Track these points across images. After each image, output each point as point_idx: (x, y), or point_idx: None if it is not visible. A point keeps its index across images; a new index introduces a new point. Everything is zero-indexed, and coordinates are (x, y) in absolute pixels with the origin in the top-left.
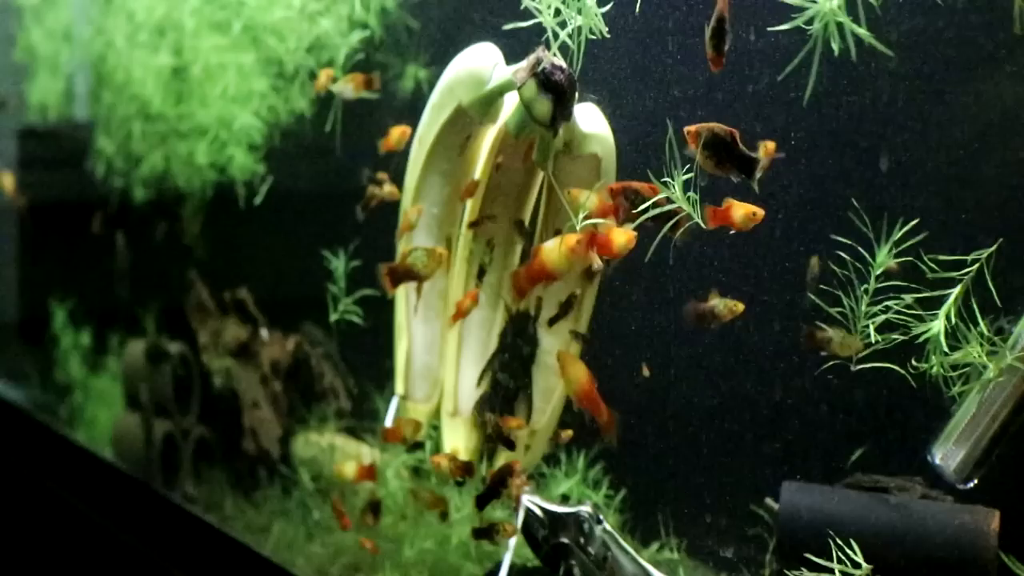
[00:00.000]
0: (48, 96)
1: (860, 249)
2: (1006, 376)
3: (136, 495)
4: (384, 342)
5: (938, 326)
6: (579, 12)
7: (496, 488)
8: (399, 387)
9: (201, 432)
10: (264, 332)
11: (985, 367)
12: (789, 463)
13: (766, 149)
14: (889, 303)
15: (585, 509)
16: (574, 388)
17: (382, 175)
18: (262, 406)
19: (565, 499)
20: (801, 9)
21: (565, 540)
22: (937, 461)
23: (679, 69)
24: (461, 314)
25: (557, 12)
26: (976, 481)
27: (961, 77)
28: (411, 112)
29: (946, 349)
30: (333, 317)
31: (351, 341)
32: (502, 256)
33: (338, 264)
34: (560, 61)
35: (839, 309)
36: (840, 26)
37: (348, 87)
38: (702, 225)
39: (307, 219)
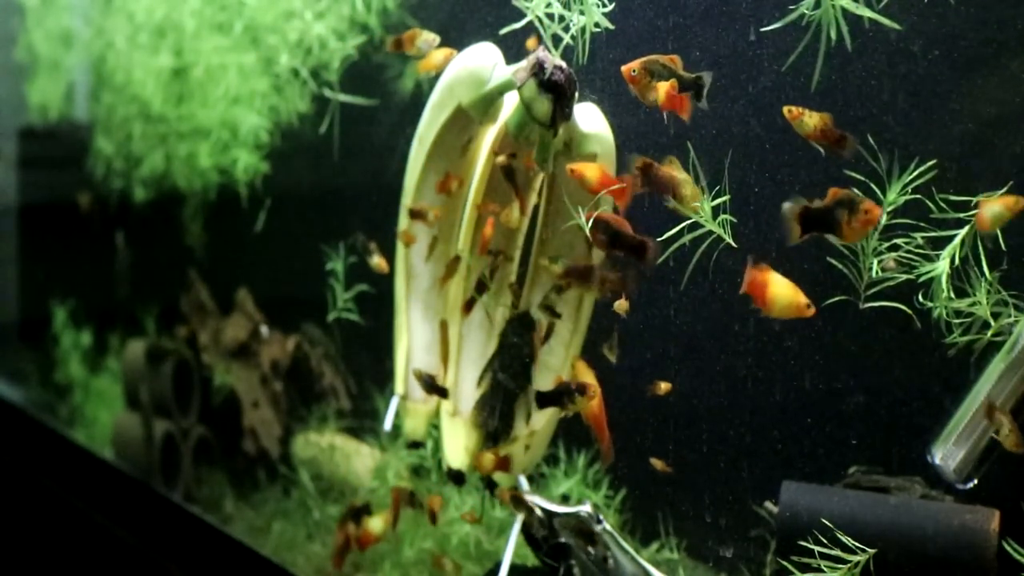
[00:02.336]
0: (48, 96)
1: (872, 186)
2: (1006, 375)
3: (136, 495)
4: (384, 342)
5: (942, 267)
6: (581, 13)
7: (560, 397)
8: (399, 387)
9: (201, 432)
10: (264, 329)
11: (988, 324)
12: (789, 462)
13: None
14: (898, 241)
15: (585, 509)
16: (583, 410)
17: (372, 245)
18: (262, 406)
19: (565, 499)
20: None
21: (564, 540)
22: (937, 461)
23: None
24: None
25: (561, 19)
26: (976, 481)
27: (979, 12)
28: (411, 112)
29: (950, 293)
30: (332, 315)
31: (351, 341)
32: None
33: (337, 262)
34: (560, 60)
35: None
36: None
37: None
38: (732, 244)
39: (307, 219)
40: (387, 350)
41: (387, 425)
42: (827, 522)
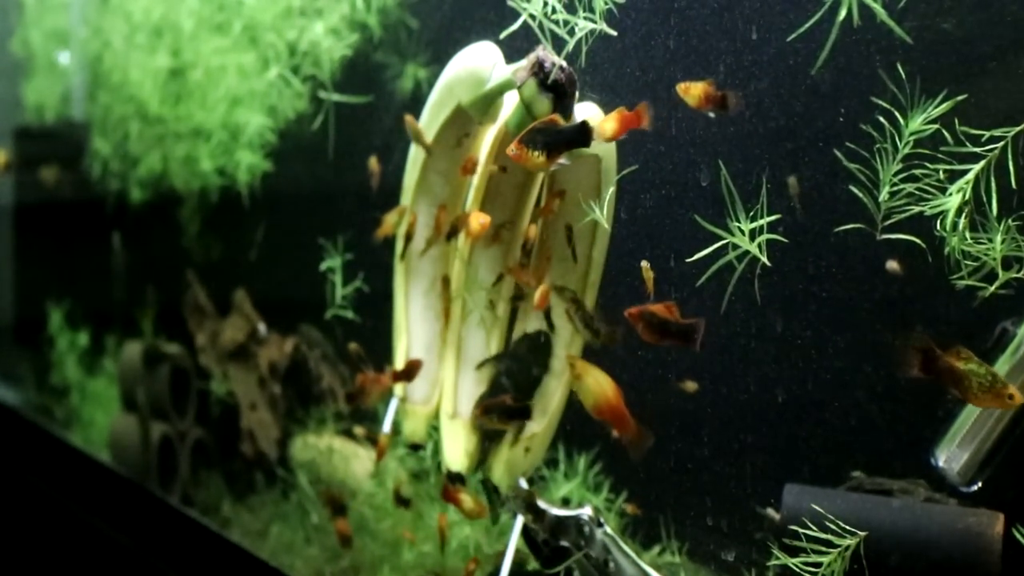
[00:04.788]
0: (44, 96)
1: (896, 113)
2: (1010, 376)
3: (133, 498)
4: (383, 343)
5: (954, 201)
6: (588, 19)
7: (685, 334)
8: (398, 389)
9: (198, 434)
10: (262, 327)
11: (997, 273)
12: (792, 464)
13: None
14: (915, 171)
15: (586, 512)
16: (594, 400)
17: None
18: (260, 408)
19: (566, 502)
20: None
21: (565, 544)
22: (941, 463)
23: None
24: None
25: (565, 23)
26: (980, 484)
27: None
28: (410, 111)
29: (965, 233)
30: (330, 312)
31: (349, 342)
32: (503, 257)
33: (335, 259)
34: (560, 60)
35: (858, 166)
36: None
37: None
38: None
39: (306, 219)
40: (387, 350)
41: (386, 427)
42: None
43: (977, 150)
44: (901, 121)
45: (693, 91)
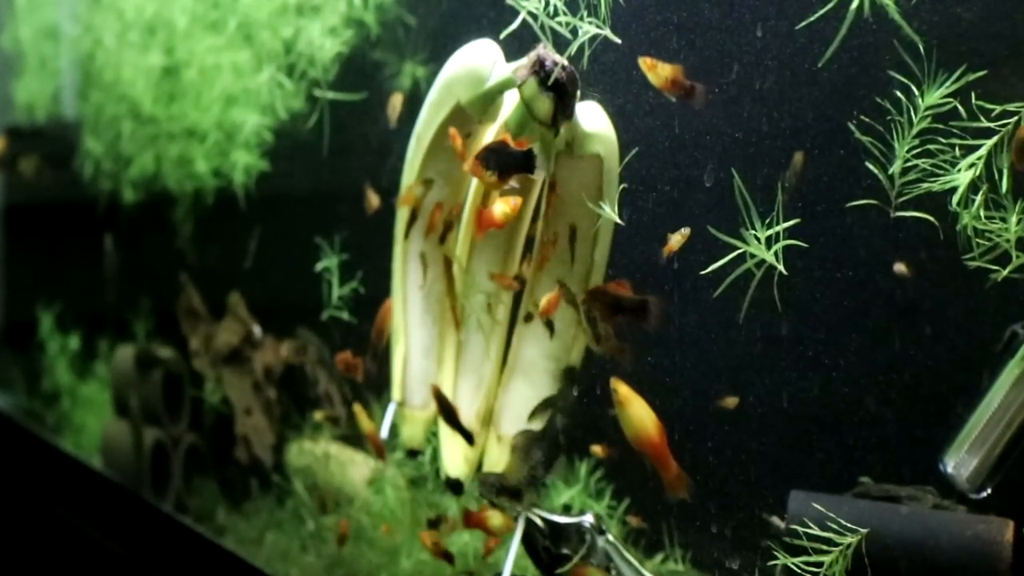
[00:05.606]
0: (35, 95)
1: (912, 87)
2: (1021, 381)
3: (125, 505)
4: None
5: (965, 176)
6: (594, 26)
7: (636, 310)
8: (396, 393)
9: (192, 440)
10: (257, 329)
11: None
12: (797, 470)
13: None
14: (931, 147)
15: (587, 519)
16: (634, 433)
17: None
18: (255, 413)
19: (567, 509)
20: None
21: (566, 551)
22: (949, 470)
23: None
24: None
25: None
26: (990, 490)
27: None
28: (408, 111)
29: (979, 210)
30: (326, 313)
31: (346, 346)
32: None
33: (332, 259)
34: (561, 58)
35: (871, 140)
36: None
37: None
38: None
39: (301, 219)
40: (385, 355)
41: (384, 432)
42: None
43: (991, 125)
44: (917, 94)
45: (660, 71)
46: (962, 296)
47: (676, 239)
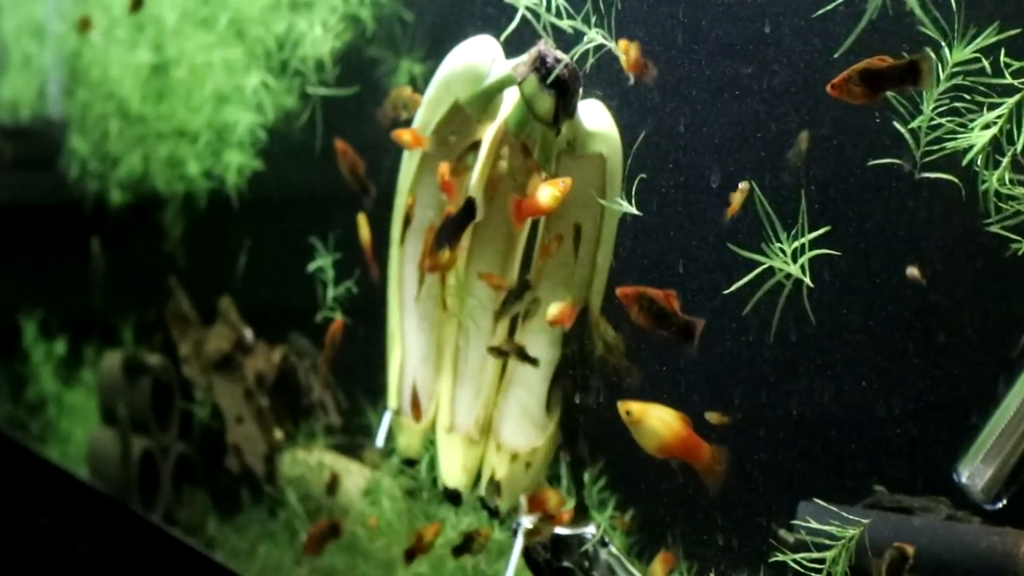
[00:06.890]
0: (19, 93)
1: (942, 43)
2: None
3: (112, 516)
4: (377, 350)
5: (985, 135)
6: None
7: (682, 331)
8: (392, 401)
9: (182, 449)
10: (248, 333)
11: None
12: (808, 480)
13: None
14: (957, 105)
15: (589, 530)
16: (660, 441)
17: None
18: (246, 421)
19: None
20: None
21: (568, 564)
22: (964, 480)
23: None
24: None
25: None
26: (1005, 501)
27: None
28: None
29: (1005, 175)
30: (320, 315)
31: (341, 352)
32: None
33: (326, 258)
34: (563, 55)
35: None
36: None
37: None
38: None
39: (293, 222)
40: (380, 362)
41: (379, 442)
42: None
43: (1016, 82)
44: (946, 50)
45: (631, 52)
46: (978, 300)
47: (737, 197)
